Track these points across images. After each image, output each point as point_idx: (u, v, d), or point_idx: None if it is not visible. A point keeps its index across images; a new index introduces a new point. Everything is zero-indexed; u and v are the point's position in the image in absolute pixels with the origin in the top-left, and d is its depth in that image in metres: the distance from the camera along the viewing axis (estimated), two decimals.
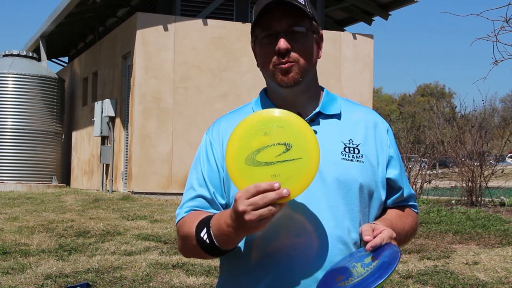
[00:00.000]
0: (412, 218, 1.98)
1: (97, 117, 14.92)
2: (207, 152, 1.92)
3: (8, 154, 16.63)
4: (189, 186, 1.92)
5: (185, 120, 13.38)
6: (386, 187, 1.92)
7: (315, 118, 1.88)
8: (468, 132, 11.75)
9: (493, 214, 9.06)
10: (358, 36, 15.02)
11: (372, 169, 1.87)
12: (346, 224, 1.80)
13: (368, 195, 1.86)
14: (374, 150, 1.89)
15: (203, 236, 1.71)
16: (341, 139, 1.87)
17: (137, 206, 10.70)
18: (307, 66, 1.84)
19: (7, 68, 16.87)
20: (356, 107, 1.97)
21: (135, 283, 5.66)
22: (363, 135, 1.90)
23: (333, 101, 1.93)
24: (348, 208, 1.81)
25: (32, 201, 11.83)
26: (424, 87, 66.58)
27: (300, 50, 1.82)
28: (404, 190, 1.96)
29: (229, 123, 1.92)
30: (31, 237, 7.78)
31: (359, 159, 1.85)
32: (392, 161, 1.93)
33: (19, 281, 5.74)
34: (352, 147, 1.86)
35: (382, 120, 1.98)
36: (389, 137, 1.95)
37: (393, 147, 1.94)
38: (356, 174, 1.83)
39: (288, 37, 1.80)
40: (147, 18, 13.45)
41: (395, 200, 1.95)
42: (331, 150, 1.83)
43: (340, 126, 1.89)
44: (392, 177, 1.92)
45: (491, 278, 5.57)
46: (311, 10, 1.85)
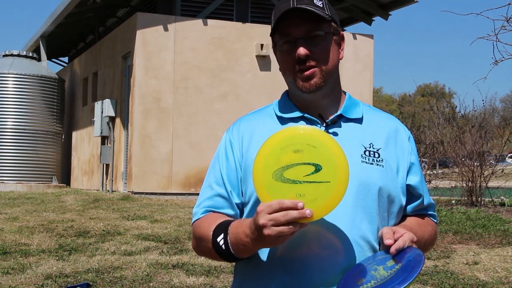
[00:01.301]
0: (431, 227, 1.97)
1: (97, 117, 14.92)
2: (226, 150, 1.91)
3: (8, 154, 16.63)
4: (207, 184, 1.92)
5: (185, 120, 13.38)
6: (406, 194, 1.90)
7: (337, 121, 1.88)
8: (468, 132, 11.74)
9: (493, 214, 9.06)
10: (358, 36, 15.02)
11: (393, 174, 1.86)
12: (363, 227, 1.79)
13: (388, 199, 1.84)
14: (395, 156, 1.89)
15: (220, 242, 1.71)
16: (362, 142, 1.86)
17: (137, 206, 10.70)
18: (329, 70, 1.83)
19: (7, 68, 16.87)
20: (378, 113, 1.98)
21: (135, 283, 5.66)
22: (384, 140, 1.89)
23: (355, 106, 1.93)
24: (366, 211, 1.80)
25: (32, 201, 11.83)
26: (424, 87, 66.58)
27: (320, 55, 1.81)
28: (424, 198, 1.94)
29: (250, 123, 1.92)
30: (31, 237, 7.78)
31: (379, 163, 1.84)
32: (413, 167, 1.92)
33: (19, 281, 5.74)
34: (373, 151, 1.85)
35: (404, 128, 1.98)
36: (410, 144, 1.94)
37: (414, 154, 1.93)
38: (375, 177, 1.82)
39: (307, 42, 1.79)
40: (147, 18, 13.45)
41: (415, 208, 1.94)
42: (351, 152, 1.81)
43: (362, 130, 1.89)
44: (413, 184, 1.91)
45: (491, 278, 5.58)
46: (330, 12, 1.84)
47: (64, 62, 23.52)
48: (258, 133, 1.87)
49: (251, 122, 1.92)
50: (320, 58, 1.81)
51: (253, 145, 1.85)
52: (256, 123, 1.87)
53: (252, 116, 1.96)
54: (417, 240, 1.79)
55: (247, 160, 1.85)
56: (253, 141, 1.87)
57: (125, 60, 14.44)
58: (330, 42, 1.83)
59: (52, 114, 17.30)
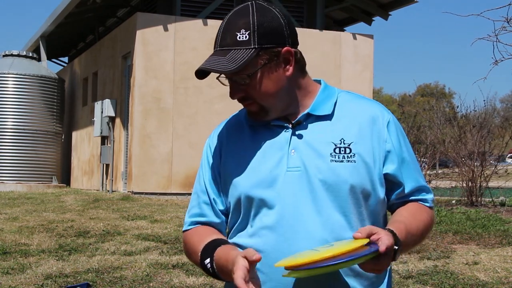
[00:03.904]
0: (426, 214, 1.92)
1: (97, 117, 14.92)
2: (207, 158, 1.99)
3: (8, 154, 16.63)
4: (194, 190, 2.02)
5: (185, 120, 13.38)
6: (387, 183, 1.88)
7: (302, 121, 1.87)
8: (469, 132, 11.74)
9: (493, 214, 9.06)
10: (358, 36, 15.02)
11: (367, 167, 1.84)
12: (336, 227, 1.80)
13: (363, 195, 1.83)
14: (370, 147, 1.85)
15: (207, 265, 1.81)
16: (332, 139, 1.84)
17: (137, 206, 10.70)
18: (267, 99, 1.83)
19: (7, 68, 16.87)
20: (356, 102, 1.93)
21: (135, 283, 5.66)
22: (356, 133, 1.86)
23: (327, 100, 1.90)
24: (339, 211, 1.81)
25: (32, 201, 11.82)
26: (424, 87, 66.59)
27: (251, 93, 1.83)
28: (405, 184, 1.89)
29: (227, 131, 1.99)
30: (31, 237, 7.78)
31: (350, 158, 1.82)
32: (390, 155, 1.87)
33: (19, 281, 5.74)
34: (343, 146, 1.84)
35: (383, 113, 1.91)
36: (388, 130, 1.88)
37: (391, 141, 1.87)
38: (346, 175, 1.81)
39: (237, 83, 1.82)
40: (147, 18, 13.45)
41: (398, 195, 1.91)
42: (320, 153, 1.83)
43: (332, 126, 1.87)
44: (390, 172, 1.87)
45: (491, 278, 5.57)
46: (261, 38, 1.78)
47: (64, 62, 23.52)
48: (232, 141, 1.94)
49: (228, 130, 1.98)
50: (252, 95, 1.83)
51: (229, 152, 1.94)
52: (232, 131, 1.95)
53: (228, 123, 2.01)
54: (413, 234, 1.80)
55: (224, 165, 1.94)
56: (228, 148, 1.94)
57: (125, 60, 14.44)
58: (261, 77, 1.80)
59: (52, 114, 17.29)
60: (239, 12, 1.82)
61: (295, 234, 1.79)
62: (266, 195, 1.83)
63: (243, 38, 1.77)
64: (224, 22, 1.83)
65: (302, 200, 1.81)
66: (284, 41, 1.82)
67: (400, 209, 1.91)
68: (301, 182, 1.81)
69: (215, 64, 1.77)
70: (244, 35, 1.78)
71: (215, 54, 1.80)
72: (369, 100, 1.96)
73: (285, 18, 1.84)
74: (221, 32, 1.81)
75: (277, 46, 1.80)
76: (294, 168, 1.83)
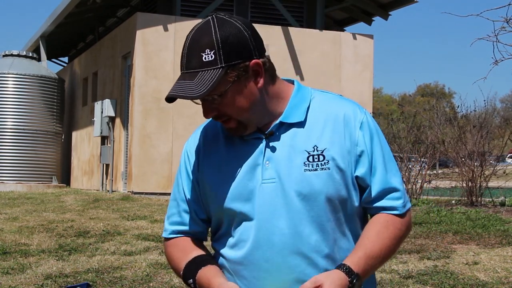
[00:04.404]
0: (393, 227, 1.85)
1: (97, 117, 14.92)
2: (185, 165, 1.98)
3: (8, 154, 16.63)
4: (173, 197, 2.01)
5: (185, 120, 13.38)
6: (358, 187, 1.86)
7: (274, 132, 1.85)
8: (469, 132, 11.74)
9: (493, 214, 9.06)
10: (358, 36, 15.02)
11: (341, 173, 1.82)
12: (313, 238, 1.80)
13: (339, 201, 1.82)
14: (343, 151, 1.83)
15: (190, 284, 1.87)
16: (305, 147, 1.82)
17: (137, 206, 10.70)
18: (242, 114, 1.82)
19: (7, 68, 16.87)
20: (329, 103, 1.89)
21: (135, 283, 5.66)
22: (329, 138, 1.83)
23: (299, 104, 1.87)
24: (315, 220, 1.80)
25: (32, 201, 11.82)
26: (424, 87, 66.59)
27: (224, 111, 1.82)
28: (372, 187, 1.85)
29: (205, 139, 1.98)
30: (31, 237, 7.78)
31: (324, 166, 1.81)
32: (361, 158, 1.84)
33: (19, 281, 5.74)
34: (317, 154, 1.81)
35: (356, 114, 1.87)
36: (361, 133, 1.84)
37: (364, 143, 1.84)
38: (320, 184, 1.80)
39: (209, 102, 1.81)
40: (147, 18, 13.45)
41: (365, 200, 1.87)
42: (293, 163, 1.81)
43: (304, 133, 1.84)
44: (360, 175, 1.84)
45: (491, 278, 5.57)
46: (229, 55, 1.75)
47: (64, 62, 23.52)
48: (209, 150, 1.94)
49: (205, 138, 1.97)
50: (226, 112, 1.82)
51: (206, 162, 1.93)
52: (208, 140, 1.95)
53: (205, 131, 1.99)
54: (375, 257, 1.79)
55: (202, 175, 1.93)
56: (205, 158, 1.94)
57: (125, 60, 14.44)
58: (232, 94, 1.78)
59: (52, 114, 17.29)
60: (201, 30, 1.78)
61: (271, 248, 1.81)
62: (243, 208, 1.84)
63: (209, 58, 1.74)
64: (188, 41, 1.79)
65: (278, 213, 1.81)
66: (251, 54, 1.78)
67: (366, 229, 1.86)
68: (276, 193, 1.81)
69: (184, 89, 1.75)
70: (209, 55, 1.74)
71: (183, 77, 1.77)
72: (342, 100, 1.92)
73: (248, 30, 1.80)
74: (186, 54, 1.78)
75: (245, 60, 1.77)
76: (269, 180, 1.82)
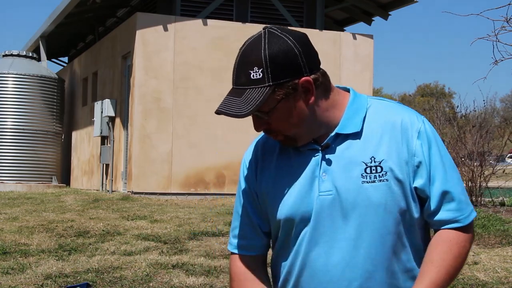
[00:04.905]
0: (457, 247, 1.80)
1: (97, 117, 14.92)
2: (245, 177, 1.97)
3: (8, 154, 16.63)
4: (235, 208, 2.00)
5: (185, 120, 13.38)
6: (418, 198, 1.81)
7: (331, 144, 1.82)
8: (469, 132, 11.74)
9: (493, 214, 9.05)
10: (358, 36, 15.02)
11: (400, 185, 1.78)
12: (372, 251, 1.79)
13: (399, 213, 1.78)
14: (403, 162, 1.79)
15: None
16: (362, 159, 1.79)
17: (137, 206, 10.70)
18: (291, 130, 1.80)
19: (7, 68, 16.87)
20: (386, 112, 1.84)
21: (135, 283, 5.66)
22: (387, 148, 1.79)
23: (356, 114, 1.83)
24: (374, 233, 1.78)
25: (32, 201, 11.82)
26: (424, 87, 66.57)
27: (274, 126, 1.80)
28: (431, 199, 1.79)
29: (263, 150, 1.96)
30: (31, 237, 7.78)
31: (382, 177, 1.77)
32: (420, 170, 1.79)
33: (19, 281, 5.74)
34: (374, 165, 1.78)
35: (413, 122, 1.82)
36: (419, 142, 1.79)
37: (422, 153, 1.79)
38: (378, 196, 1.76)
39: (259, 117, 1.79)
40: (147, 18, 13.45)
41: (426, 212, 1.82)
42: (350, 174, 1.78)
43: (361, 144, 1.81)
44: (419, 187, 1.80)
45: (491, 278, 5.57)
46: (276, 74, 1.72)
47: (64, 62, 23.52)
48: (266, 162, 1.92)
49: (263, 149, 1.95)
50: (275, 128, 1.80)
51: (263, 174, 1.91)
52: (266, 151, 1.93)
53: (262, 142, 1.97)
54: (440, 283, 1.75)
55: (260, 187, 1.91)
56: (263, 170, 1.92)
57: (125, 60, 14.44)
58: (281, 111, 1.76)
59: (52, 114, 17.29)
60: (252, 45, 1.76)
61: (331, 261, 1.80)
62: (301, 221, 1.82)
63: (257, 76, 1.73)
64: (239, 55, 1.78)
65: (336, 226, 1.79)
66: (301, 71, 1.74)
67: (429, 252, 1.81)
68: (334, 206, 1.78)
69: (230, 106, 1.75)
70: (257, 73, 1.73)
71: (232, 93, 1.78)
72: (399, 108, 1.87)
73: (300, 46, 1.75)
74: (236, 69, 1.79)
75: (293, 78, 1.74)
76: (326, 192, 1.79)
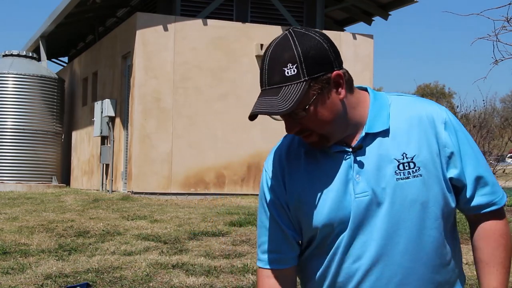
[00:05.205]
0: (500, 235, 1.85)
1: (97, 117, 14.92)
2: (269, 188, 1.92)
3: (8, 154, 16.63)
4: (261, 223, 1.95)
5: (185, 120, 13.38)
6: (453, 188, 1.84)
7: (362, 144, 1.81)
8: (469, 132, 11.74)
9: None
10: (358, 36, 15.02)
11: (434, 177, 1.80)
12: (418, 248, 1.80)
13: (436, 207, 1.80)
14: (434, 154, 1.80)
15: None
16: (394, 156, 1.79)
17: (137, 206, 10.70)
18: (325, 127, 1.78)
19: (7, 68, 16.87)
20: (409, 107, 1.86)
21: (135, 283, 5.66)
22: (416, 143, 1.80)
23: (381, 112, 1.84)
24: (413, 229, 1.79)
25: (32, 201, 11.82)
26: (424, 87, 66.57)
27: (308, 125, 1.78)
28: (467, 186, 1.82)
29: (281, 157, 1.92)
30: (31, 237, 7.78)
31: (415, 173, 1.78)
32: (452, 160, 1.81)
33: (19, 281, 5.74)
34: (407, 161, 1.79)
35: (438, 114, 1.84)
36: (447, 133, 1.81)
37: (451, 143, 1.81)
38: (414, 192, 1.78)
39: (293, 117, 1.76)
40: (147, 18, 13.45)
41: (462, 200, 1.85)
42: (385, 173, 1.79)
43: (391, 141, 1.81)
44: (454, 177, 1.82)
45: None
46: (310, 68, 1.73)
47: (64, 62, 23.52)
48: (293, 169, 1.88)
49: (287, 156, 1.91)
50: (309, 126, 1.78)
51: (293, 181, 1.88)
52: (291, 158, 1.89)
53: (284, 149, 1.93)
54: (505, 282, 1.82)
55: (291, 195, 1.88)
56: (291, 177, 1.88)
57: (125, 60, 14.44)
58: (316, 107, 1.75)
59: (52, 114, 17.29)
60: (280, 45, 1.75)
61: (381, 261, 1.80)
62: (341, 225, 1.81)
63: (292, 73, 1.71)
64: (267, 58, 1.75)
65: (373, 225, 1.79)
66: (332, 65, 1.77)
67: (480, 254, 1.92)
68: (371, 206, 1.79)
69: (269, 105, 1.71)
70: (292, 69, 1.72)
71: (266, 93, 1.74)
72: (420, 101, 1.89)
73: (327, 41, 1.79)
74: (267, 70, 1.74)
75: (327, 72, 1.75)
76: (361, 194, 1.79)
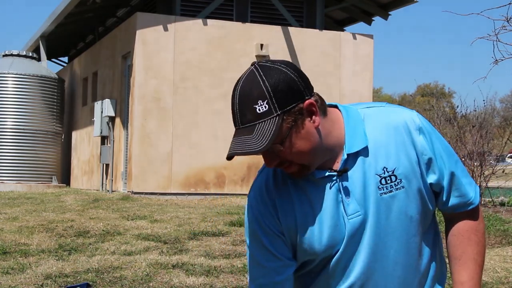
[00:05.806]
0: (474, 234, 1.93)
1: (97, 117, 14.92)
2: (258, 220, 1.89)
3: (8, 154, 16.63)
4: (254, 262, 1.91)
5: (185, 120, 13.38)
6: (433, 192, 1.87)
7: (347, 168, 1.80)
8: (469, 132, 11.74)
9: (493, 214, 9.06)
10: (358, 36, 15.02)
11: (416, 187, 1.82)
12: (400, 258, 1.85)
13: (420, 215, 1.84)
14: (414, 163, 1.81)
15: None
16: (375, 171, 1.80)
17: (137, 206, 10.70)
18: (304, 157, 1.77)
19: (7, 68, 16.87)
20: (383, 117, 1.85)
21: (135, 283, 5.66)
22: (396, 155, 1.80)
23: (356, 129, 1.83)
24: (400, 240, 1.83)
25: (32, 201, 11.82)
26: (424, 87, 66.58)
27: (288, 155, 1.76)
28: (445, 189, 1.85)
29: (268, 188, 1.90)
30: (31, 237, 7.78)
31: (398, 185, 1.79)
32: (431, 165, 1.83)
33: (19, 281, 5.74)
34: (388, 175, 1.79)
35: (411, 120, 1.83)
36: (423, 138, 1.81)
37: (428, 149, 1.81)
38: (399, 204, 1.80)
39: (270, 151, 1.75)
40: (147, 18, 13.45)
41: (440, 202, 1.89)
42: (369, 190, 1.79)
43: (371, 157, 1.81)
44: (433, 182, 1.84)
45: (491, 278, 5.57)
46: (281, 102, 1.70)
47: (64, 62, 23.52)
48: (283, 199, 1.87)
49: (276, 187, 1.89)
50: (288, 158, 1.77)
51: (285, 212, 1.86)
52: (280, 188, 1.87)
53: (270, 180, 1.90)
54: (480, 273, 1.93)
55: (286, 224, 1.86)
56: (282, 208, 1.87)
57: (125, 60, 14.44)
58: (292, 139, 1.74)
59: (52, 114, 17.29)
60: (248, 82, 1.74)
61: (374, 275, 1.84)
62: (337, 247, 1.82)
63: (263, 109, 1.70)
64: (237, 97, 1.74)
65: (363, 241, 1.82)
66: (302, 94, 1.75)
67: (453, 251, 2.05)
68: (365, 225, 1.80)
69: (246, 145, 1.70)
70: (263, 106, 1.70)
71: (241, 133, 1.73)
72: (393, 110, 1.88)
73: (294, 70, 1.76)
74: (238, 109, 1.73)
75: (298, 103, 1.73)
76: (354, 215, 1.80)
